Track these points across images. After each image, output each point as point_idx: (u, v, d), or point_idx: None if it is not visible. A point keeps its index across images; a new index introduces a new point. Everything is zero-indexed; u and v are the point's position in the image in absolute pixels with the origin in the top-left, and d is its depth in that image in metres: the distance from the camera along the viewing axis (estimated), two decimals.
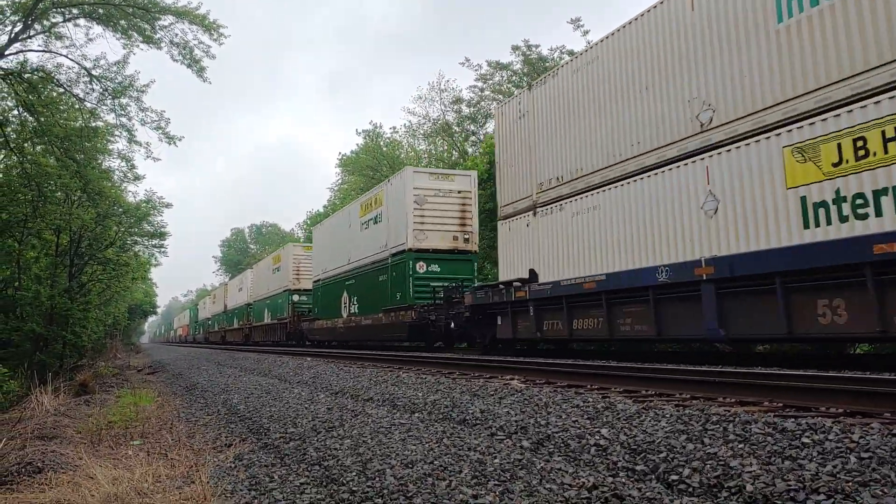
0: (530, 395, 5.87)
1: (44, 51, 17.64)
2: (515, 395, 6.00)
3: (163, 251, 33.60)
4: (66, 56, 17.87)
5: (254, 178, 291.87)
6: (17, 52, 17.00)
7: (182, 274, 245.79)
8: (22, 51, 17.12)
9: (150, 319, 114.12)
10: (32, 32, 17.02)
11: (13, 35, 16.49)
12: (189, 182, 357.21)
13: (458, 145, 35.20)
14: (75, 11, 17.30)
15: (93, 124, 19.40)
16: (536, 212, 11.89)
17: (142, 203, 28.56)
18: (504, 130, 13.32)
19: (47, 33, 17.31)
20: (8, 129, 18.07)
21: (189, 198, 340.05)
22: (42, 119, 17.55)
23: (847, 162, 6.71)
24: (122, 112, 18.78)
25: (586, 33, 29.16)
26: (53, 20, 17.23)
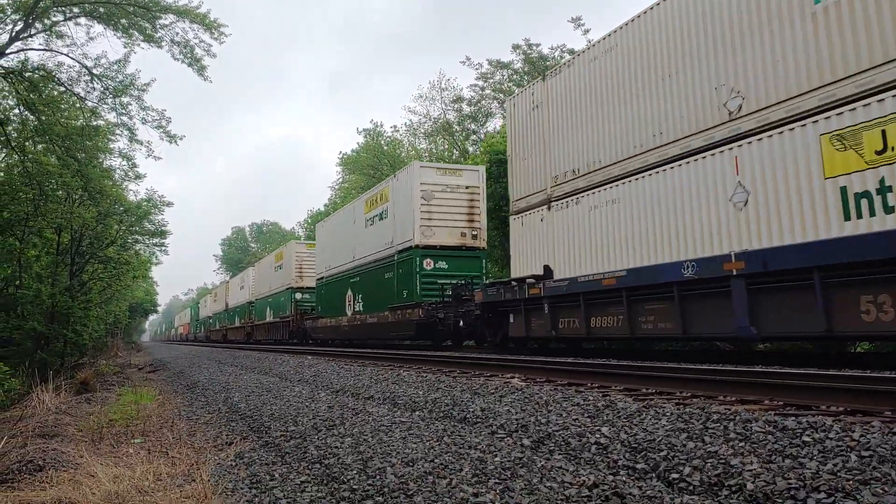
0: (531, 394, 5.87)
1: (45, 49, 17.69)
2: (516, 394, 6.00)
3: (163, 250, 33.68)
4: (67, 55, 17.96)
5: (254, 177, 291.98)
6: (18, 51, 17.04)
7: (183, 272, 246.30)
8: (23, 49, 17.16)
9: (151, 318, 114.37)
10: (33, 31, 17.06)
11: (14, 34, 16.52)
12: (190, 181, 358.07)
13: (459, 144, 35.21)
14: (76, 10, 17.33)
15: (94, 123, 19.45)
16: (551, 206, 11.47)
17: (143, 202, 28.61)
18: (516, 123, 12.84)
19: (48, 32, 17.35)
20: (9, 128, 18.10)
21: (190, 197, 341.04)
22: (43, 118, 17.58)
23: (893, 149, 6.33)
24: (123, 111, 18.84)
25: (587, 32, 29.26)
26: (54, 19, 17.28)
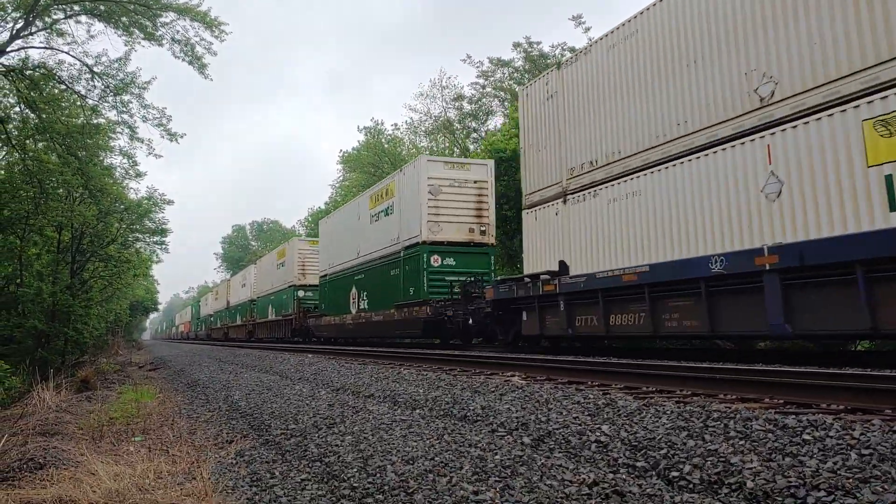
0: (531, 392, 5.87)
1: (45, 48, 17.73)
2: (516, 392, 6.00)
3: (164, 248, 33.76)
4: (68, 53, 17.97)
5: (255, 176, 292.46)
6: (19, 49, 17.09)
7: (184, 271, 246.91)
8: (24, 48, 17.21)
9: (152, 316, 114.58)
10: (34, 29, 17.09)
11: (15, 32, 16.55)
12: (191, 179, 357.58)
13: (460, 142, 35.19)
14: (77, 8, 17.35)
15: (94, 121, 19.47)
16: (567, 199, 11.03)
17: (143, 200, 28.65)
18: (529, 113, 12.31)
19: (49, 30, 17.38)
20: (10, 126, 18.12)
21: (191, 195, 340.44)
22: (44, 116, 17.60)
23: None
24: (124, 109, 18.89)
25: (588, 30, 29.26)
26: (55, 17, 17.31)
